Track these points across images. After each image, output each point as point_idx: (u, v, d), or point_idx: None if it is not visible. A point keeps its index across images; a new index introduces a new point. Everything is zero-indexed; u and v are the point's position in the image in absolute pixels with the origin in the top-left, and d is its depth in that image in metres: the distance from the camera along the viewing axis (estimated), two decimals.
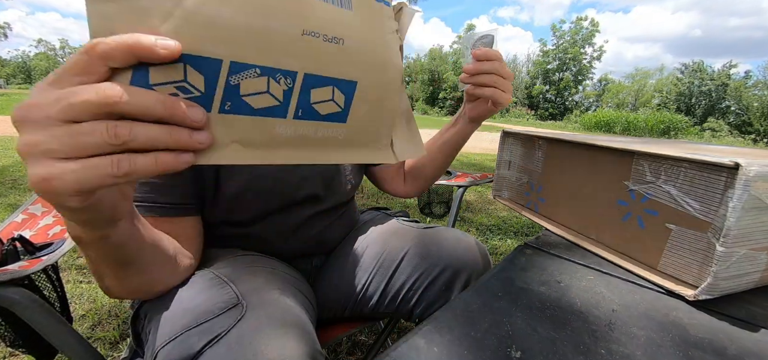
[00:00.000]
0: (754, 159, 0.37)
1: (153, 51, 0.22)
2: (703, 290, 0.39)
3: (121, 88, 0.22)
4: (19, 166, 3.42)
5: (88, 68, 0.22)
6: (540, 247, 0.55)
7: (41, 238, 0.59)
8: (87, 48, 0.22)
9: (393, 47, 0.34)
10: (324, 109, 0.30)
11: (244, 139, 0.27)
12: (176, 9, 0.23)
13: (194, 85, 0.24)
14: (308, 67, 0.28)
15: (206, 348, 0.37)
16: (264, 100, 0.27)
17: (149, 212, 0.48)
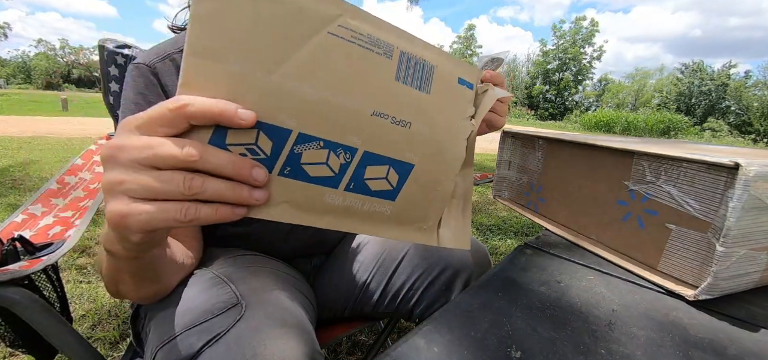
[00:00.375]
0: (754, 159, 0.37)
1: (233, 120, 0.24)
2: (703, 290, 0.39)
3: (201, 148, 0.25)
4: (19, 166, 3.43)
5: (173, 123, 0.25)
6: (540, 247, 0.55)
7: (41, 238, 0.59)
8: (177, 106, 0.24)
9: (460, 133, 0.34)
10: (375, 186, 0.31)
11: (294, 202, 0.29)
12: (263, 79, 0.25)
13: (262, 149, 0.26)
14: (369, 146, 0.29)
15: (205, 348, 0.37)
16: (321, 170, 0.29)
17: None
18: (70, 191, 0.71)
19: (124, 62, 0.90)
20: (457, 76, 0.33)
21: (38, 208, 0.65)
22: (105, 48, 0.88)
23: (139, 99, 0.50)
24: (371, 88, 0.28)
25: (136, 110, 0.49)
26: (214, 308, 0.41)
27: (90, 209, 0.66)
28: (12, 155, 3.91)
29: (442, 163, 0.34)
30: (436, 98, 0.32)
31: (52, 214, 0.65)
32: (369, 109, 0.28)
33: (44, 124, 7.46)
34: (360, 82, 0.28)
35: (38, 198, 0.66)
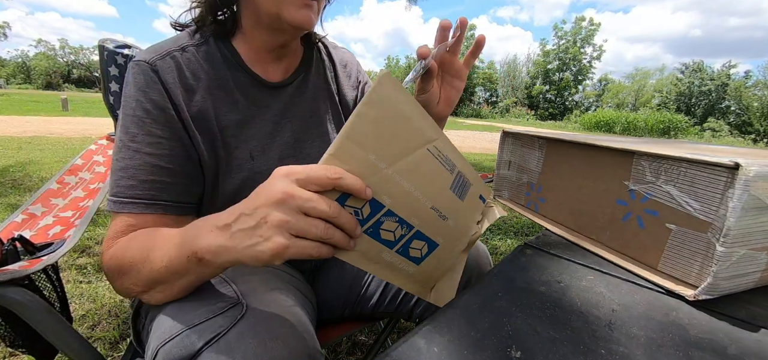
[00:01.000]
0: (754, 159, 0.37)
1: (361, 194, 0.35)
2: (703, 290, 0.39)
3: (337, 208, 0.34)
4: (19, 166, 3.42)
5: (325, 185, 0.34)
6: (540, 247, 0.55)
7: (41, 238, 0.59)
8: (335, 177, 0.33)
9: (470, 231, 0.48)
10: (412, 253, 0.43)
11: (364, 252, 0.39)
12: (383, 169, 0.36)
13: (363, 213, 0.37)
14: (422, 228, 0.41)
15: (206, 347, 0.37)
16: (388, 235, 0.39)
17: (152, 210, 0.49)
18: (70, 191, 0.71)
19: (124, 62, 0.90)
20: (479, 193, 0.47)
21: (38, 208, 0.65)
22: (105, 48, 0.88)
23: (140, 96, 0.50)
24: (436, 190, 0.41)
25: (136, 108, 0.50)
26: (215, 307, 0.41)
27: (90, 209, 0.66)
28: (12, 155, 3.91)
29: (455, 248, 0.48)
30: (466, 205, 0.45)
31: (52, 214, 0.65)
32: (430, 203, 0.41)
33: (44, 124, 7.46)
34: (432, 184, 0.40)
35: (38, 198, 0.66)
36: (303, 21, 0.53)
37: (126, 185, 0.48)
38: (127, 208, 0.48)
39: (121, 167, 0.49)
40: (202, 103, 0.54)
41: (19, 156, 3.90)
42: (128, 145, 0.49)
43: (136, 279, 0.43)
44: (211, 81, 0.55)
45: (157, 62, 0.52)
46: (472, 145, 8.85)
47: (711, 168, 0.38)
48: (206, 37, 0.57)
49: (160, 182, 0.50)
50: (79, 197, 0.70)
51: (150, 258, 0.42)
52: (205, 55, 0.56)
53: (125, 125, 0.50)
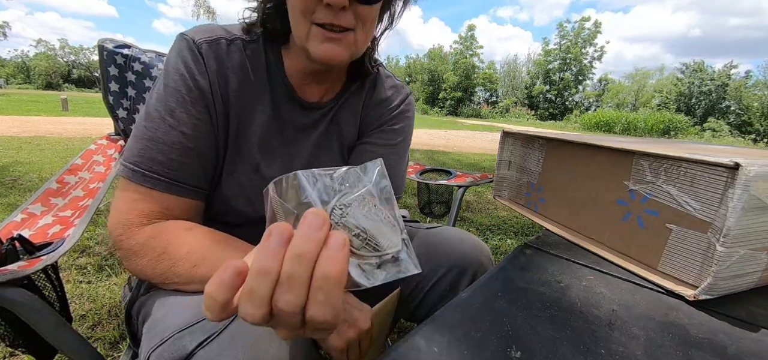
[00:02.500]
0: (754, 159, 0.37)
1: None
2: (703, 290, 0.39)
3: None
4: (19, 166, 3.42)
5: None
6: (540, 247, 0.54)
7: (40, 238, 0.59)
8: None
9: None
10: None
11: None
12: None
13: None
14: None
15: (198, 349, 0.37)
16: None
17: (173, 190, 0.49)
18: (69, 191, 0.71)
19: (124, 62, 0.90)
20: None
21: (38, 207, 0.65)
22: (105, 48, 0.88)
23: (186, 72, 0.50)
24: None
25: (180, 83, 0.50)
26: None
27: (89, 209, 0.66)
28: (12, 155, 3.91)
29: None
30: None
31: (51, 214, 0.65)
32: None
33: (44, 124, 7.45)
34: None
35: (38, 197, 0.66)
36: (326, 56, 0.50)
37: (153, 158, 0.48)
38: (149, 182, 0.48)
39: (151, 137, 0.48)
40: (233, 96, 0.54)
41: (19, 156, 3.90)
42: (165, 117, 0.49)
43: (170, 271, 0.45)
44: (247, 80, 0.56)
45: (203, 45, 0.52)
46: (471, 145, 8.85)
47: (711, 168, 0.38)
48: (257, 36, 0.57)
49: (187, 164, 0.50)
50: (78, 197, 0.70)
51: (198, 266, 0.45)
52: (250, 53, 0.56)
53: (164, 97, 0.49)
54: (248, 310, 0.24)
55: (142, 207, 0.48)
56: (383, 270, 0.28)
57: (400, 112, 0.69)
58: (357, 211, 0.27)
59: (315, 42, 0.49)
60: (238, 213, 0.58)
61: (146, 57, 0.93)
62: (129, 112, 0.91)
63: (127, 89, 0.90)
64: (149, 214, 0.48)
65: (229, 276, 0.24)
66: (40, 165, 3.50)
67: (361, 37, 0.52)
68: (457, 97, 42.21)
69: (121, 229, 0.47)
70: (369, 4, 0.50)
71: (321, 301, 0.24)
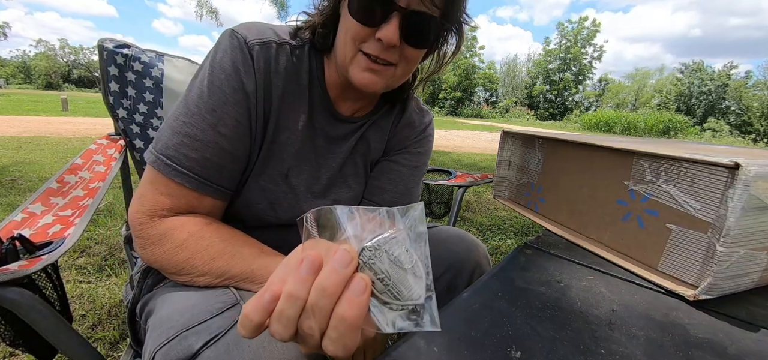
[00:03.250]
0: (754, 159, 0.37)
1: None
2: (703, 290, 0.39)
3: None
4: (19, 166, 3.42)
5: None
6: (540, 247, 0.54)
7: (41, 238, 0.59)
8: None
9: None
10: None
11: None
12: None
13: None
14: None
15: (204, 348, 0.37)
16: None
17: (202, 189, 0.50)
18: (70, 190, 0.71)
19: (124, 62, 0.90)
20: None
21: (38, 207, 0.65)
22: (105, 48, 0.88)
23: (233, 72, 0.50)
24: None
25: (226, 82, 0.49)
26: (213, 308, 0.41)
27: (90, 208, 0.66)
28: (12, 155, 3.90)
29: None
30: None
31: (51, 213, 0.65)
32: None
33: (44, 123, 7.46)
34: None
35: (38, 197, 0.66)
36: (363, 83, 0.51)
37: (187, 155, 0.48)
38: (180, 178, 0.48)
39: (188, 134, 0.48)
40: (276, 101, 0.55)
41: (19, 156, 3.90)
42: (205, 115, 0.48)
43: (187, 262, 0.46)
44: (290, 86, 0.56)
45: (255, 46, 0.52)
46: (472, 145, 8.85)
47: (711, 168, 0.38)
48: (304, 41, 0.57)
49: (219, 166, 0.50)
50: (79, 196, 0.70)
51: (216, 260, 0.46)
52: (297, 58, 0.56)
53: (207, 93, 0.49)
54: (278, 329, 0.27)
55: (167, 201, 0.48)
56: (402, 320, 0.28)
57: (425, 136, 0.71)
58: (385, 256, 0.27)
59: (357, 68, 0.51)
60: (256, 216, 0.58)
61: (146, 57, 0.93)
62: (129, 112, 0.91)
63: (127, 89, 0.90)
64: (173, 208, 0.49)
65: (267, 301, 0.27)
66: (40, 165, 3.51)
67: (400, 73, 0.54)
68: (457, 97, 42.21)
69: (143, 218, 0.48)
70: (419, 48, 0.52)
71: (334, 338, 0.26)
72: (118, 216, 2.21)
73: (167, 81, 0.94)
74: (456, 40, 0.58)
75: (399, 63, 0.52)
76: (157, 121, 0.93)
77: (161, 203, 0.48)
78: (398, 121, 0.68)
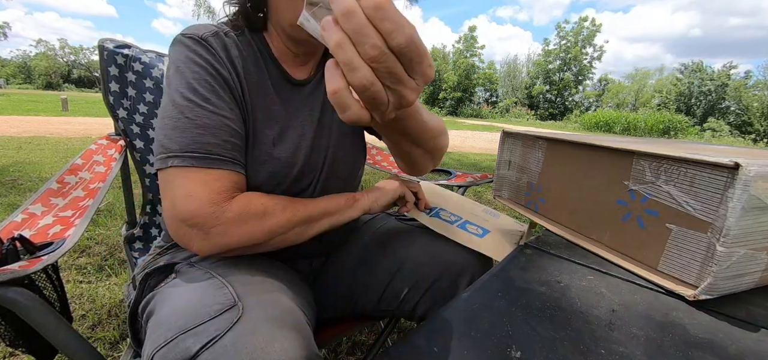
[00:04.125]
0: (754, 159, 0.37)
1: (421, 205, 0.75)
2: (703, 290, 0.39)
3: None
4: (18, 166, 3.42)
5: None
6: (540, 247, 0.54)
7: (41, 238, 0.59)
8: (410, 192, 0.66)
9: (514, 233, 0.75)
10: (471, 229, 0.73)
11: (432, 222, 0.73)
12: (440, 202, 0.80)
13: (427, 208, 0.78)
14: (469, 220, 0.77)
15: (202, 350, 0.37)
16: (448, 217, 0.77)
17: (232, 167, 0.52)
18: (70, 191, 0.71)
19: (124, 62, 0.90)
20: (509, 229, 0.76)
21: (38, 207, 0.65)
22: (105, 48, 0.88)
23: (204, 63, 0.52)
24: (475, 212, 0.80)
25: (203, 73, 0.52)
26: (211, 310, 0.41)
27: (90, 209, 0.66)
28: (12, 155, 3.90)
29: (505, 240, 0.72)
30: (499, 222, 0.78)
31: (52, 214, 0.65)
32: (467, 217, 0.77)
33: (44, 123, 7.45)
34: (471, 209, 0.81)
35: (38, 197, 0.66)
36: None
37: (208, 142, 0.49)
38: (216, 164, 0.49)
39: (199, 124, 0.49)
40: (243, 83, 0.57)
41: (19, 156, 3.90)
42: (203, 105, 0.50)
43: (286, 218, 0.52)
44: (249, 66, 0.58)
45: (208, 38, 0.54)
46: (472, 145, 8.85)
47: (711, 168, 0.38)
48: (241, 28, 0.60)
49: (235, 144, 0.53)
50: (79, 197, 0.70)
51: (289, 207, 0.53)
52: (243, 43, 0.59)
53: (192, 90, 0.50)
54: (355, 77, 0.28)
55: (220, 185, 0.49)
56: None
57: None
58: None
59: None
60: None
61: (146, 57, 0.93)
62: (129, 112, 0.91)
63: (128, 89, 0.90)
64: (229, 189, 0.50)
65: (332, 68, 0.29)
66: (40, 165, 3.51)
67: None
68: (457, 97, 42.19)
69: (213, 208, 0.48)
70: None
71: (390, 29, 0.27)
72: (118, 216, 2.21)
73: None
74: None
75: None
76: (157, 121, 0.93)
77: (216, 190, 0.49)
78: None
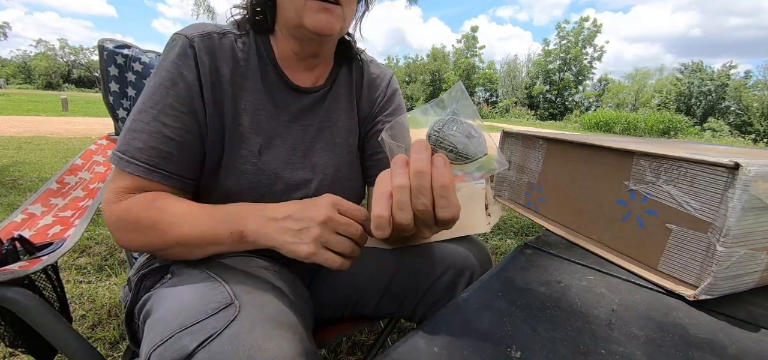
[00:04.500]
0: (754, 159, 0.37)
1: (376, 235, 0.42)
2: (703, 290, 0.39)
3: (363, 233, 0.51)
4: (18, 165, 3.42)
5: (357, 218, 0.50)
6: (540, 247, 0.54)
7: (41, 238, 0.59)
8: (363, 218, 0.50)
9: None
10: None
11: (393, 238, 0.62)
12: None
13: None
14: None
15: (199, 349, 0.37)
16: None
17: (153, 176, 0.52)
18: (69, 191, 0.71)
19: (124, 62, 0.90)
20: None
21: (38, 207, 0.65)
22: (105, 48, 0.88)
23: (173, 68, 0.53)
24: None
25: (166, 78, 0.53)
26: (208, 308, 0.41)
27: (90, 209, 0.66)
28: (12, 155, 3.90)
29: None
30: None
31: (51, 214, 0.65)
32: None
33: (44, 124, 7.45)
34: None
35: (38, 198, 0.66)
36: (321, 26, 0.54)
37: (135, 147, 0.51)
38: (130, 168, 0.51)
39: (134, 128, 0.52)
40: (226, 85, 0.57)
41: (19, 156, 3.90)
42: (147, 110, 0.52)
43: (158, 237, 0.49)
44: (240, 69, 0.58)
45: (195, 39, 0.55)
46: None
47: (711, 168, 0.38)
48: (246, 29, 0.61)
49: (165, 152, 0.52)
50: (78, 197, 0.70)
51: (179, 223, 0.49)
52: (242, 45, 0.59)
53: (150, 90, 0.53)
54: (401, 216, 0.36)
55: (120, 186, 0.52)
56: (477, 171, 0.39)
57: (393, 90, 0.75)
58: (447, 132, 0.36)
59: (310, 14, 0.53)
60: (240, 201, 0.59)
61: (146, 57, 0.93)
62: (129, 112, 0.91)
63: (128, 89, 0.90)
64: (127, 190, 0.51)
65: (386, 198, 0.37)
66: (40, 165, 3.50)
67: (347, 13, 0.57)
68: None
69: (106, 206, 0.51)
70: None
71: (442, 204, 0.36)
72: None
73: None
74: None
75: (344, 5, 0.55)
76: None
77: (115, 189, 0.52)
78: (361, 83, 0.71)
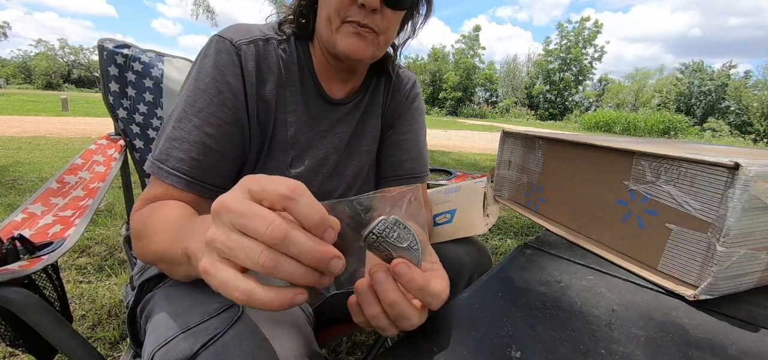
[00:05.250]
0: (754, 159, 0.37)
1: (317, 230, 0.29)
2: (703, 290, 0.39)
3: (286, 230, 0.27)
4: (18, 165, 3.42)
5: (274, 202, 0.27)
6: (540, 247, 0.54)
7: (41, 238, 0.59)
8: (287, 194, 0.26)
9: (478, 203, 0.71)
10: (440, 220, 0.72)
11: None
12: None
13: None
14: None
15: (202, 350, 0.37)
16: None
17: (192, 189, 0.51)
18: (70, 191, 0.71)
19: (124, 62, 0.90)
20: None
21: (38, 207, 0.65)
22: (105, 48, 0.88)
23: (218, 75, 0.52)
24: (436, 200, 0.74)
25: (211, 85, 0.51)
26: (211, 309, 0.41)
27: (90, 208, 0.66)
28: (12, 155, 3.90)
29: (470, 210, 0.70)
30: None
31: (51, 214, 0.65)
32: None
33: (44, 124, 7.45)
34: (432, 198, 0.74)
35: (38, 197, 0.66)
36: (352, 50, 0.53)
37: (176, 157, 0.50)
38: (170, 179, 0.50)
39: (176, 137, 0.50)
40: (269, 96, 0.56)
41: (19, 156, 3.90)
42: (191, 117, 0.51)
43: (146, 249, 0.46)
44: (282, 77, 0.58)
45: (242, 46, 0.54)
46: (472, 145, 8.85)
47: (711, 168, 0.38)
48: (288, 34, 0.60)
49: (207, 164, 0.51)
50: (79, 197, 0.70)
51: (157, 237, 0.44)
52: (284, 52, 0.58)
53: (193, 97, 0.51)
54: (376, 323, 0.33)
55: (150, 194, 0.50)
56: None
57: (415, 95, 0.75)
58: (387, 237, 0.32)
59: (343, 37, 0.52)
60: None
61: (146, 57, 0.93)
62: (129, 112, 0.91)
63: (127, 89, 0.90)
64: (154, 198, 0.50)
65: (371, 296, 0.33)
66: (40, 165, 3.50)
67: (383, 41, 0.56)
68: (458, 97, 42.18)
69: (133, 214, 0.50)
70: (398, 8, 0.53)
71: (394, 317, 0.33)
72: (118, 216, 2.21)
73: (167, 81, 0.94)
74: (427, 4, 0.62)
75: (381, 33, 0.54)
76: (157, 121, 0.93)
77: (144, 197, 0.51)
78: (389, 91, 0.71)
